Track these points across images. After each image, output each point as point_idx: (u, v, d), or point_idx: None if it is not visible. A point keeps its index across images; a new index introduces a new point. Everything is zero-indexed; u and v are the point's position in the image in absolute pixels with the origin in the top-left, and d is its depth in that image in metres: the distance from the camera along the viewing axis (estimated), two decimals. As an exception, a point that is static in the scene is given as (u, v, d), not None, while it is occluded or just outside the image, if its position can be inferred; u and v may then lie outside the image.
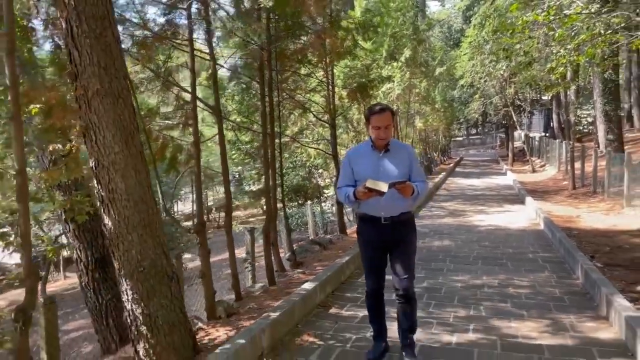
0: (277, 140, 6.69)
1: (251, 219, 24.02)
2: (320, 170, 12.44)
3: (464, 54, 23.00)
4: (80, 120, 3.49)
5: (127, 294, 3.53)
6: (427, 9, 34.82)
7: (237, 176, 23.17)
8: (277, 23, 5.75)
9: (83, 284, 6.22)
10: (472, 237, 8.86)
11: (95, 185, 3.53)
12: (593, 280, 5.25)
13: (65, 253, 17.44)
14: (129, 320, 3.58)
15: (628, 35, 8.38)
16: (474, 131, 54.70)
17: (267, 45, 5.25)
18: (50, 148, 4.25)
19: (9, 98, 2.69)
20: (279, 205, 7.41)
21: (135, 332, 3.55)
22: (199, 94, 6.46)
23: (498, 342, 4.12)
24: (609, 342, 4.08)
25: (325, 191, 14.77)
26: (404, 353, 3.68)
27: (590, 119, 25.49)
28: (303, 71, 7.39)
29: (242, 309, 4.89)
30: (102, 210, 3.53)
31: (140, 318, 3.51)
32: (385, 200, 3.41)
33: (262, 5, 4.54)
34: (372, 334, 3.94)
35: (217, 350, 3.49)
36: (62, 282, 15.73)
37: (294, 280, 5.92)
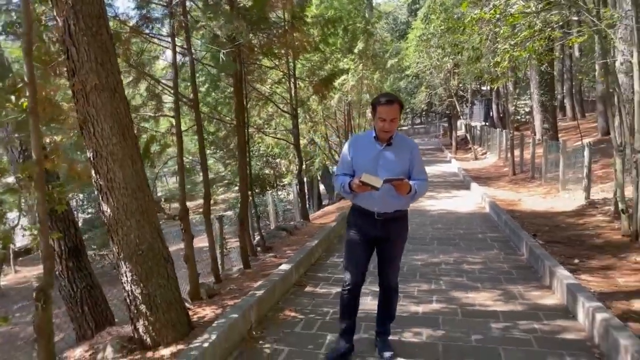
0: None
1: (200, 210, 23.87)
2: (277, 160, 12.80)
3: (410, 46, 23.82)
4: (78, 114, 3.69)
5: (126, 276, 3.78)
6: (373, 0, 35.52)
7: (188, 166, 23.00)
8: (245, 18, 6.00)
9: (57, 272, 6.28)
10: (425, 220, 9.46)
11: (93, 175, 3.75)
12: (537, 255, 5.89)
13: (13, 246, 16.96)
14: (128, 300, 3.83)
15: (565, 32, 9.18)
16: (418, 121, 56.27)
17: (245, 40, 5.52)
18: (48, 140, 4.37)
19: (27, 93, 2.89)
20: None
21: (135, 311, 3.81)
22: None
23: (459, 310, 4.64)
24: (553, 306, 4.68)
25: (283, 180, 15.14)
26: (378, 339, 3.73)
27: (527, 109, 26.93)
28: (267, 64, 7.67)
29: (222, 290, 5.20)
30: (100, 198, 3.75)
31: (140, 297, 3.77)
32: (381, 196, 3.32)
33: (240, 5, 4.83)
34: None
35: (215, 324, 3.81)
36: (12, 276, 15.32)
37: (267, 263, 6.27)
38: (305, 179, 12.36)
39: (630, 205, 6.61)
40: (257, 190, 15.02)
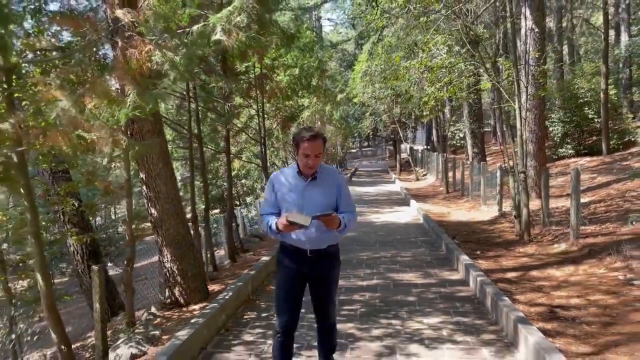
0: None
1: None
2: (243, 181, 14.49)
3: (357, 77, 26.31)
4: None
5: (167, 257, 5.56)
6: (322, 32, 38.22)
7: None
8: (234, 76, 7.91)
9: (79, 270, 7.92)
10: (370, 229, 11.52)
11: (144, 189, 5.54)
12: (451, 249, 8.00)
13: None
14: (167, 274, 5.61)
15: (477, 78, 11.62)
16: (366, 144, 59.12)
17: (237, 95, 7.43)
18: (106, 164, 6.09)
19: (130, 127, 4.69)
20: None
21: (172, 281, 5.59)
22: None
23: (392, 283, 6.64)
24: (455, 280, 6.76)
25: (247, 198, 16.91)
26: None
27: (461, 134, 29.86)
28: (241, 102, 9.61)
29: (220, 276, 7.00)
30: (149, 205, 5.55)
31: (176, 271, 5.56)
32: (311, 232, 3.22)
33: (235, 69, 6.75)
34: None
35: (228, 288, 5.63)
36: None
37: (248, 259, 8.10)
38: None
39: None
40: (222, 208, 16.76)
